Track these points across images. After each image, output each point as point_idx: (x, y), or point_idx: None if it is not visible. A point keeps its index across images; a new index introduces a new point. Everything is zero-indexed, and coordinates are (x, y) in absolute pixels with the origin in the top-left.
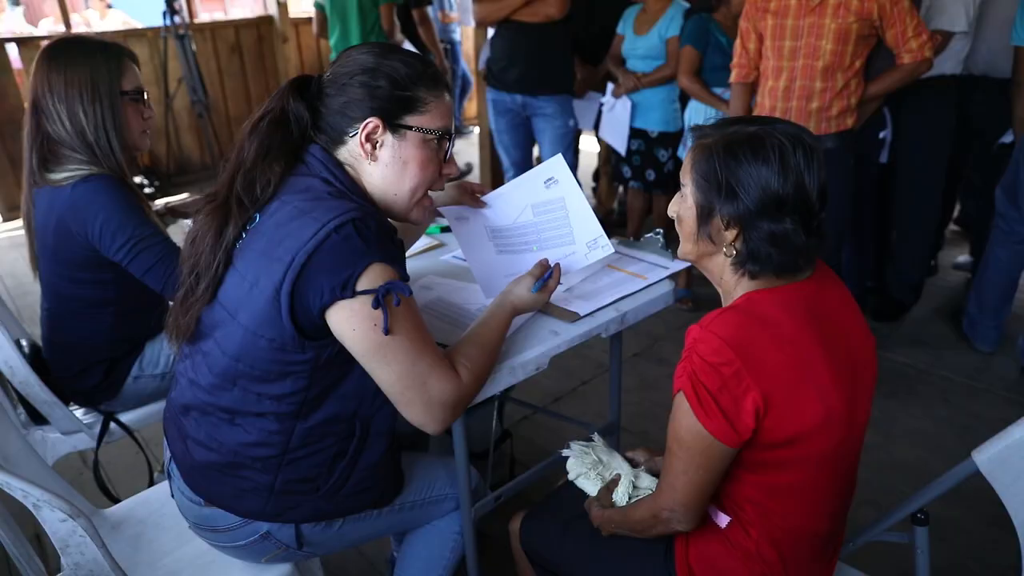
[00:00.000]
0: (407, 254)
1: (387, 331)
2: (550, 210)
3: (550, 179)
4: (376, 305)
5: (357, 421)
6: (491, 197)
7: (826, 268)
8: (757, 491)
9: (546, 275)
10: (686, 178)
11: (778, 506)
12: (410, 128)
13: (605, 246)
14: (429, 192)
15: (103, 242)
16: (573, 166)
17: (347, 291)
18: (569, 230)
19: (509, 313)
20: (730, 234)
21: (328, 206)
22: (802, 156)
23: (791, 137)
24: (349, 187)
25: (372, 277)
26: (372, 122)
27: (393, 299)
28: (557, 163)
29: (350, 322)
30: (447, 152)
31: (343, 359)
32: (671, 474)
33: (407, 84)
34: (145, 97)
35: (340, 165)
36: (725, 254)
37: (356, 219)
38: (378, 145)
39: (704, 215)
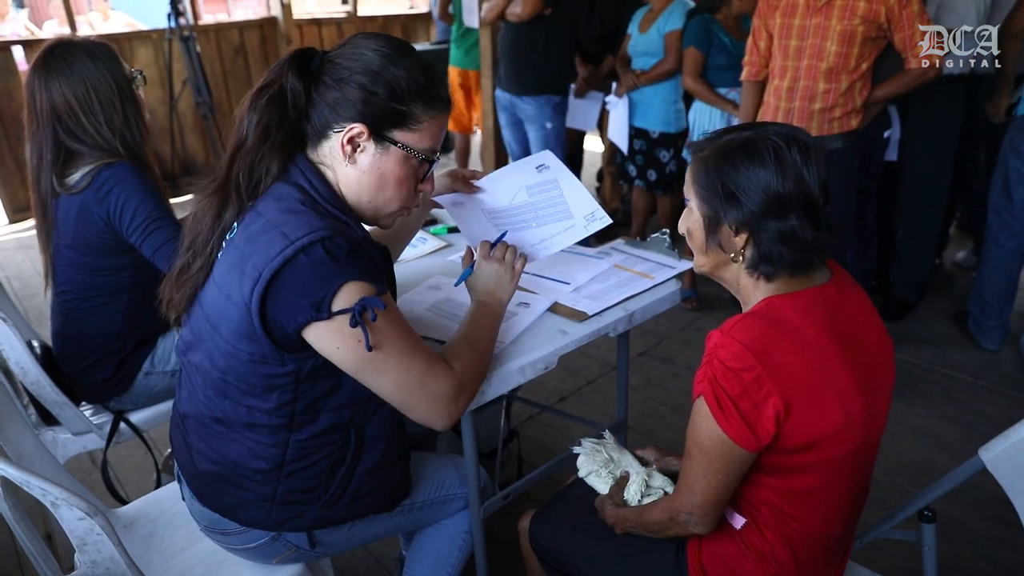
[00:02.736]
0: (406, 254)
1: (370, 348)
2: (545, 190)
3: (541, 165)
4: (354, 324)
5: (352, 429)
6: (485, 181)
7: (844, 273)
8: (774, 494)
9: (468, 268)
10: (690, 192)
11: (795, 509)
12: (395, 143)
13: (603, 218)
14: (408, 207)
15: (122, 221)
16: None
17: (323, 312)
18: (565, 206)
19: (484, 306)
20: (740, 240)
21: (298, 222)
22: (798, 153)
23: (784, 137)
24: (324, 194)
25: (347, 296)
26: (357, 128)
27: (369, 315)
28: (546, 155)
29: (333, 342)
30: (427, 172)
31: (327, 370)
32: (690, 477)
33: (405, 98)
34: (141, 74)
35: (318, 171)
36: (733, 259)
37: (325, 238)
38: (359, 149)
39: (712, 225)
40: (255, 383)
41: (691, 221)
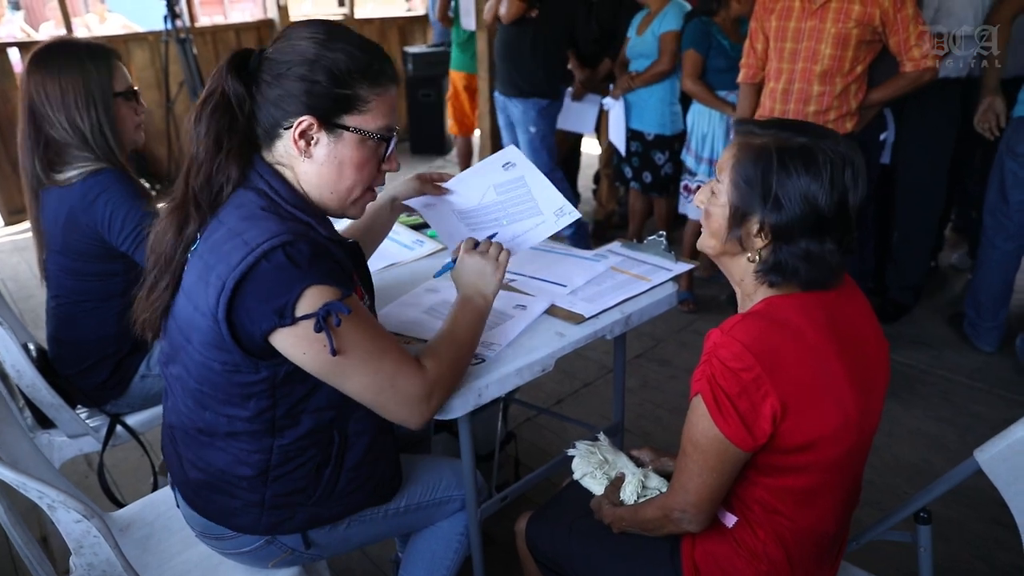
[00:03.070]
0: (404, 256)
1: (334, 352)
2: (512, 188)
3: (507, 163)
4: (319, 329)
5: (335, 428)
6: (453, 183)
7: (846, 276)
8: (768, 493)
9: (451, 261)
10: (723, 175)
11: (787, 508)
12: (347, 128)
13: (571, 212)
14: (373, 189)
15: (111, 231)
16: (548, 168)
17: (287, 318)
18: (534, 203)
19: (468, 300)
20: (761, 241)
21: (259, 229)
22: (850, 175)
23: (842, 156)
24: (286, 196)
25: (310, 301)
26: (306, 120)
27: (333, 320)
28: (510, 151)
29: (299, 347)
30: (387, 150)
31: (302, 375)
32: (684, 475)
33: (347, 80)
34: (136, 94)
35: (276, 173)
36: (750, 259)
37: (286, 243)
38: (313, 143)
39: (738, 217)
40: (231, 392)
41: (714, 204)
